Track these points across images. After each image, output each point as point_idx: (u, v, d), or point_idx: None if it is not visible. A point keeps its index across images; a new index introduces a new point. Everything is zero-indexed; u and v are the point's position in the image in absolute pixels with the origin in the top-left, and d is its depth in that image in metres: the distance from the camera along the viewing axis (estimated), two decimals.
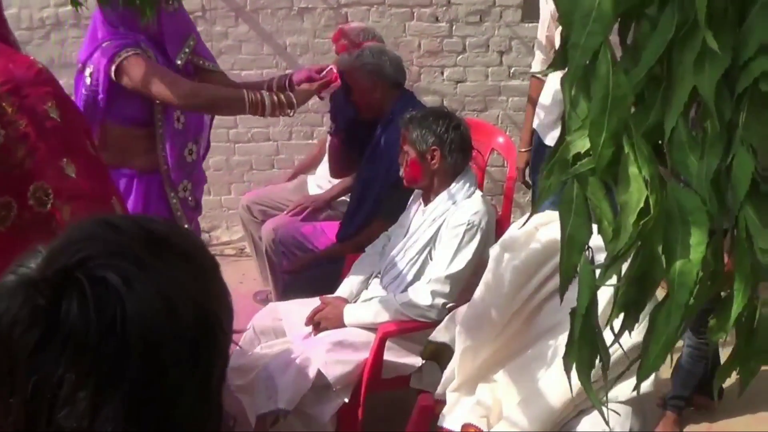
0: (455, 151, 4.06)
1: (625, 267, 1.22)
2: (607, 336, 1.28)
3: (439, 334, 3.23)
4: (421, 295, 3.85)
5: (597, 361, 1.30)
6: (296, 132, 7.11)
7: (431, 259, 4.00)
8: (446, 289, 3.82)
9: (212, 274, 1.20)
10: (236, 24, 6.89)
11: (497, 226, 4.17)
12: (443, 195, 4.04)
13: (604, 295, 1.24)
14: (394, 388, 4.00)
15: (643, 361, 1.24)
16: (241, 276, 6.50)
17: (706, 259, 1.15)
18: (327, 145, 5.63)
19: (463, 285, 3.83)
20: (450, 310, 3.79)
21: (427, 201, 4.14)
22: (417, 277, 4.02)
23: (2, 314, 1.05)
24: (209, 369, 1.14)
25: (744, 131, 1.15)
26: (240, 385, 4.05)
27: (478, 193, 4.03)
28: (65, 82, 6.44)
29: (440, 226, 3.98)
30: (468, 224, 3.84)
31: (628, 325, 1.25)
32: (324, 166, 5.80)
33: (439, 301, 3.82)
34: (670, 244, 1.15)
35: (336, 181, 5.56)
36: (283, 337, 4.15)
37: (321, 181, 5.79)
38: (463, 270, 3.80)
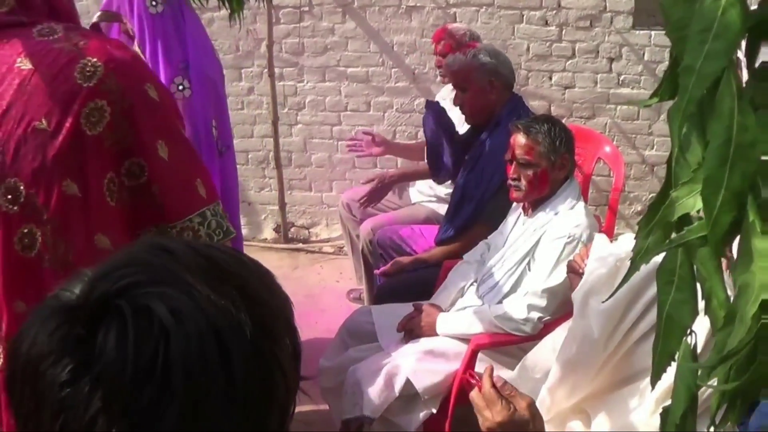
0: (568, 162, 3.93)
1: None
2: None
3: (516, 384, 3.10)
4: (517, 307, 3.75)
5: None
6: (400, 132, 7.07)
7: (529, 270, 3.88)
8: (543, 303, 3.71)
9: (280, 313, 1.07)
10: (343, 20, 6.87)
11: None
12: (545, 205, 3.92)
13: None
14: None
15: None
16: (338, 275, 6.51)
17: None
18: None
19: (560, 299, 3.70)
20: (546, 324, 3.69)
21: (527, 211, 4.02)
22: (514, 288, 3.91)
23: (31, 343, 0.95)
24: (263, 422, 1.00)
25: None
26: (328, 387, 4.02)
27: (582, 204, 3.88)
28: None
29: (540, 237, 3.85)
30: (569, 237, 3.70)
31: (731, 419, 0.96)
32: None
33: (535, 315, 3.70)
34: None
35: (438, 188, 5.50)
36: (374, 341, 4.09)
37: (422, 186, 5.72)
38: (561, 284, 3.66)
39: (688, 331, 0.99)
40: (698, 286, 0.97)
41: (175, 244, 1.03)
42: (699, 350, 1.05)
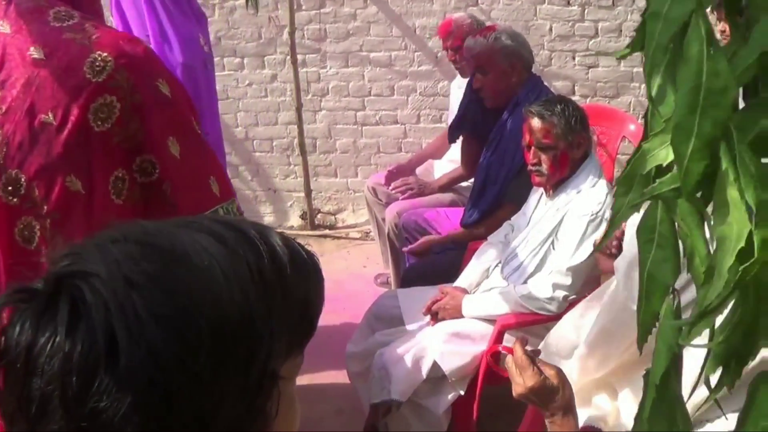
0: (585, 140, 3.92)
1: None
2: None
3: None
4: (542, 287, 3.74)
5: None
6: (424, 115, 7.06)
7: (553, 249, 3.87)
8: (568, 281, 3.70)
9: (276, 283, 1.02)
10: (365, 5, 6.87)
11: None
12: (566, 185, 3.90)
13: None
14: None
15: None
16: (365, 260, 6.51)
17: None
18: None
19: (585, 277, 3.70)
20: (571, 303, 3.68)
21: (548, 191, 4.00)
22: (538, 268, 3.89)
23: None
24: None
25: None
26: (356, 372, 4.03)
27: (603, 181, 3.85)
28: None
29: (564, 216, 3.84)
30: (591, 215, 3.69)
31: (726, 382, 0.91)
32: (451, 152, 5.73)
33: (560, 293, 3.70)
34: None
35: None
36: (401, 325, 4.09)
37: (447, 167, 5.71)
38: (586, 262, 3.66)
39: (671, 290, 0.95)
40: (680, 243, 0.92)
41: (141, 227, 1.02)
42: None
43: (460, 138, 5.34)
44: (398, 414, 3.73)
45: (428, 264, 4.76)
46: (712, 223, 0.83)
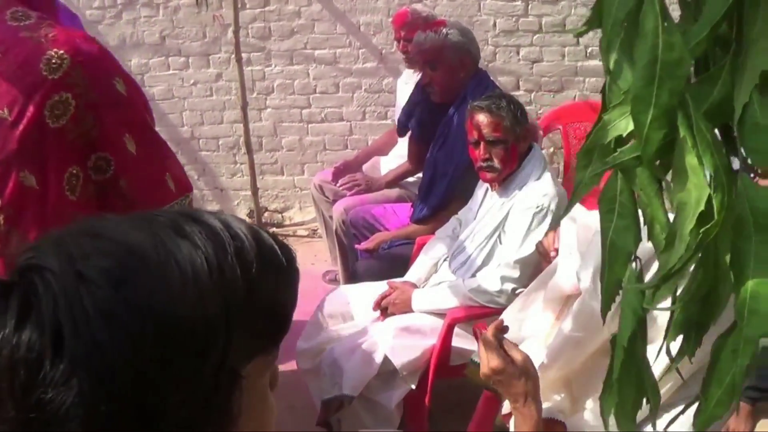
0: (528, 132, 3.94)
1: (684, 280, 0.91)
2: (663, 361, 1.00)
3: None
4: (490, 280, 3.76)
5: (644, 402, 1.03)
6: (370, 112, 7.05)
7: (501, 243, 3.89)
8: (515, 273, 3.72)
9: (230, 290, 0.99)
10: (309, 3, 6.85)
11: None
12: (512, 177, 3.92)
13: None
14: (463, 376, 3.93)
15: (701, 405, 0.96)
16: (313, 257, 6.49)
17: None
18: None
19: (532, 269, 3.71)
20: (519, 295, 3.71)
21: (494, 185, 4.01)
22: (486, 261, 3.91)
23: None
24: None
25: None
26: (306, 369, 4.02)
27: (548, 174, 3.88)
28: (136, 62, 6.49)
29: (510, 209, 3.86)
30: (537, 207, 3.71)
31: (687, 351, 0.95)
32: (397, 148, 5.73)
33: (509, 286, 3.72)
34: (740, 258, 0.84)
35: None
36: (351, 321, 4.09)
37: (394, 163, 5.71)
38: (533, 254, 3.67)
39: (633, 257, 0.97)
40: (640, 212, 0.94)
41: (108, 225, 1.00)
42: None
43: (409, 132, 5.36)
44: (350, 409, 3.73)
45: (376, 260, 4.76)
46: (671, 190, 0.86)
